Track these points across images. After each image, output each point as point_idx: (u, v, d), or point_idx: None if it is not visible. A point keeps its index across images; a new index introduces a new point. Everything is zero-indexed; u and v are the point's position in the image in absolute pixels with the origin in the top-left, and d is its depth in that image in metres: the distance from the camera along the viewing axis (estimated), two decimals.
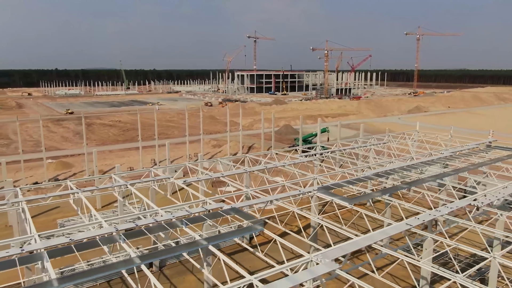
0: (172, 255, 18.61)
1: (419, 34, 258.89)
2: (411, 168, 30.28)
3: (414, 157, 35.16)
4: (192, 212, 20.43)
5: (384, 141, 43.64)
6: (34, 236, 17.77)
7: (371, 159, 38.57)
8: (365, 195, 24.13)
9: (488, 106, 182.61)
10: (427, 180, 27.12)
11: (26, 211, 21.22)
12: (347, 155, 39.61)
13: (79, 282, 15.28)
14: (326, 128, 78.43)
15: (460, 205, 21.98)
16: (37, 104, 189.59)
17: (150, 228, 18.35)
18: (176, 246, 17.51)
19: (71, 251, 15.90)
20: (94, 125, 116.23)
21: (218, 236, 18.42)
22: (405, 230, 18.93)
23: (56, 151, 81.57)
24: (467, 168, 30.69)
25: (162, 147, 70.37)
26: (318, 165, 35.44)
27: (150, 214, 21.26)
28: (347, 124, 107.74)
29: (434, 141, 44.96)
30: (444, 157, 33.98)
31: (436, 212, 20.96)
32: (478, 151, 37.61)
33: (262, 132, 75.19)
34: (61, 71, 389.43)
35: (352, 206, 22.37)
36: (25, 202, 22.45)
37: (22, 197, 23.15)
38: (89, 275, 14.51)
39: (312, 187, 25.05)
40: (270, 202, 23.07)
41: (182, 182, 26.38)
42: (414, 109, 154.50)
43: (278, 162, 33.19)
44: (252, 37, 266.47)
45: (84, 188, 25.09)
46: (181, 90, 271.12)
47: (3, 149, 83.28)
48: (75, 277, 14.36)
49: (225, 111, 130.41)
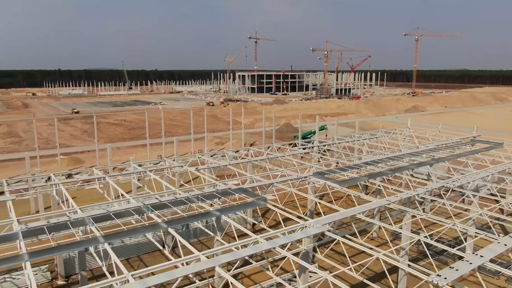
0: (192, 221, 22.04)
1: (417, 35, 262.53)
2: (397, 158, 33.87)
3: (402, 150, 38.75)
4: (205, 191, 24.07)
5: (377, 136, 47.21)
6: (76, 209, 21.40)
7: (364, 152, 42.13)
8: (353, 179, 27.64)
9: (485, 105, 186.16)
10: (410, 167, 30.72)
11: (64, 191, 24.84)
12: (342, 148, 43.16)
13: (121, 239, 18.89)
14: (324, 126, 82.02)
15: (434, 186, 25.57)
16: (42, 104, 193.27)
17: (171, 202, 21.97)
18: (195, 215, 21.18)
19: (110, 218, 19.53)
20: (100, 124, 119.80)
21: (228, 208, 22.02)
22: (385, 205, 22.53)
23: (66, 148, 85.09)
24: (448, 158, 34.29)
25: (167, 144, 74.03)
26: (315, 156, 39.04)
27: (168, 194, 24.88)
28: (346, 123, 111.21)
29: (423, 136, 48.54)
30: (429, 149, 37.57)
31: (413, 192, 24.53)
32: (461, 145, 41.19)
33: (264, 130, 78.90)
34: (64, 71, 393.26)
35: (342, 188, 25.97)
36: (62, 184, 26.10)
37: (58, 180, 26.81)
38: (128, 235, 18.09)
39: (309, 173, 28.68)
40: (271, 185, 26.68)
41: (195, 169, 29.99)
42: (411, 109, 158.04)
43: (278, 153, 36.87)
44: (253, 38, 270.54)
45: (109, 174, 28.71)
46: (183, 90, 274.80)
47: (16, 146, 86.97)
48: (117, 235, 17.95)
49: (226, 111, 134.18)
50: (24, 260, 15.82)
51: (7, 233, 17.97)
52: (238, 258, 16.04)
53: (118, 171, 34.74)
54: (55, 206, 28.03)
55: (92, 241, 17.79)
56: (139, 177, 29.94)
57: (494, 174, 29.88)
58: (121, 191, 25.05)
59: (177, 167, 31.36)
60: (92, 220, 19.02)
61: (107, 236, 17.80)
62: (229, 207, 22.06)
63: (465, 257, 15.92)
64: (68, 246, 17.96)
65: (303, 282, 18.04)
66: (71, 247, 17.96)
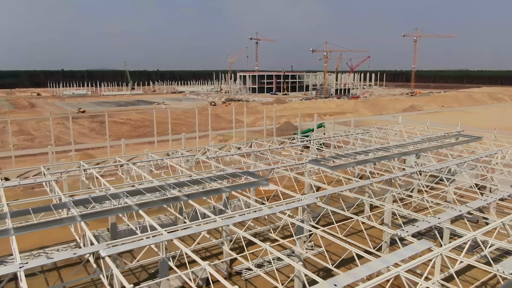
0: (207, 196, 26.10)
1: (416, 36, 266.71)
2: (385, 149, 38.06)
3: (390, 142, 42.95)
4: (216, 174, 28.28)
5: (369, 132, 51.42)
6: (110, 187, 25.67)
7: (356, 145, 46.34)
8: (343, 164, 31.85)
9: (481, 105, 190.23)
10: (395, 156, 34.94)
11: (95, 173, 29.11)
12: (337, 142, 47.39)
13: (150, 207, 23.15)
14: (322, 124, 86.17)
15: (412, 171, 29.79)
16: (47, 103, 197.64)
17: (188, 181, 26.18)
18: (209, 191, 25.41)
19: (141, 193, 23.78)
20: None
21: (236, 185, 26.22)
22: (368, 185, 26.76)
23: (77, 144, 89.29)
24: (430, 149, 38.50)
25: (173, 141, 78.36)
26: (312, 148, 43.36)
27: (184, 176, 29.09)
28: (344, 121, 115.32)
29: (412, 131, 52.74)
30: (414, 142, 41.79)
31: (393, 175, 28.73)
32: (445, 138, 45.38)
33: (265, 129, 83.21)
34: (67, 71, 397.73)
35: (333, 172, 30.18)
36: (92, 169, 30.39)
37: (89, 166, 31.10)
38: (156, 204, 22.30)
39: (305, 160, 32.91)
40: (272, 170, 30.92)
41: (206, 158, 34.22)
42: (408, 108, 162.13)
43: (279, 145, 41.12)
44: (254, 39, 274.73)
45: (132, 161, 32.96)
46: (184, 90, 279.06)
47: (29, 143, 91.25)
48: (147, 204, 22.26)
49: (228, 110, 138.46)
50: (78, 220, 20.05)
51: (60, 203, 22.20)
52: (246, 219, 20.24)
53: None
54: (85, 188, 32.24)
55: (127, 208, 22.04)
56: (156, 164, 34.12)
57: (468, 162, 34.08)
58: (144, 174, 29.29)
59: (190, 156, 35.57)
60: (127, 194, 23.24)
61: (139, 205, 22.03)
62: (237, 185, 26.28)
63: (426, 219, 20.13)
64: (114, 210, 22.15)
65: (300, 245, 22.22)
66: (117, 211, 22.18)
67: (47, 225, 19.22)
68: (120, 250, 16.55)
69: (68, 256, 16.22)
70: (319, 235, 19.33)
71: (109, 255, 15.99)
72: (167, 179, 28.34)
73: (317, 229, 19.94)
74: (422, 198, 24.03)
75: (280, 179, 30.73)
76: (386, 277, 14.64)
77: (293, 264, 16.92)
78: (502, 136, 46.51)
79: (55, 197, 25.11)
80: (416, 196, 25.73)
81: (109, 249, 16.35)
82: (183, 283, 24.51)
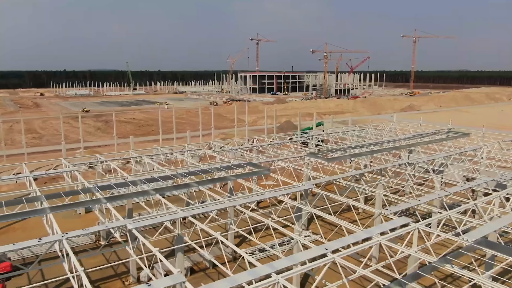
0: (215, 183, 29.00)
1: (415, 37, 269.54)
2: (378, 144, 40.92)
3: (384, 138, 45.80)
4: (222, 165, 31.16)
5: (364, 129, 54.28)
6: (127, 176, 28.54)
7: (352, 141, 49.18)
8: (338, 157, 34.71)
9: (478, 105, 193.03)
10: (386, 150, 37.80)
11: (112, 165, 32.00)
12: (334, 138, 50.23)
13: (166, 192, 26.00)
14: (321, 122, 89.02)
15: (400, 162, 32.65)
16: (51, 103, 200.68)
17: (198, 171, 29.04)
18: (216, 178, 28.30)
19: (156, 180, 26.64)
20: (111, 122, 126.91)
21: (240, 174, 29.07)
22: (359, 174, 29.61)
23: (84, 142, 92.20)
24: (420, 144, 41.38)
25: (178, 140, 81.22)
26: (311, 144, 46.25)
27: (193, 167, 31.96)
28: (343, 121, 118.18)
29: (406, 128, 55.58)
30: (406, 138, 44.66)
31: (382, 166, 31.58)
32: (435, 134, 48.22)
33: (266, 127, 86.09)
34: (69, 72, 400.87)
35: (328, 163, 33.04)
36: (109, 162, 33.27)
37: (106, 158, 34.03)
38: (170, 190, 25.16)
39: (304, 153, 35.79)
40: (273, 162, 33.81)
41: (212, 152, 37.16)
42: (406, 108, 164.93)
43: (280, 141, 44.03)
44: (254, 40, 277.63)
45: (144, 154, 35.89)
46: (186, 90, 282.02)
47: (37, 141, 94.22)
48: (164, 189, 25.13)
49: (229, 110, 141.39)
50: (103, 202, 22.92)
51: (87, 188, 25.11)
52: (250, 200, 23.11)
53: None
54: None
55: (145, 193, 24.90)
56: (166, 158, 37.01)
57: (454, 155, 36.91)
58: (157, 165, 32.18)
59: (197, 150, 38.45)
60: (144, 181, 26.12)
61: (155, 189, 24.91)
62: (241, 174, 29.15)
63: (408, 201, 22.99)
64: (134, 194, 25.03)
65: (299, 225, 25.08)
66: (136, 195, 25.08)
67: (78, 206, 22.11)
68: (143, 224, 19.42)
69: (101, 228, 19.10)
70: (317, 223, 22.20)
71: (136, 227, 18.87)
72: (178, 169, 31.22)
73: (314, 210, 22.76)
74: (408, 185, 26.89)
75: (281, 172, 33.58)
76: (369, 244, 17.49)
77: (294, 235, 19.78)
78: (490, 133, 49.38)
79: (78, 184, 27.99)
80: (404, 183, 28.65)
81: (134, 223, 19.22)
82: (192, 265, 27.42)
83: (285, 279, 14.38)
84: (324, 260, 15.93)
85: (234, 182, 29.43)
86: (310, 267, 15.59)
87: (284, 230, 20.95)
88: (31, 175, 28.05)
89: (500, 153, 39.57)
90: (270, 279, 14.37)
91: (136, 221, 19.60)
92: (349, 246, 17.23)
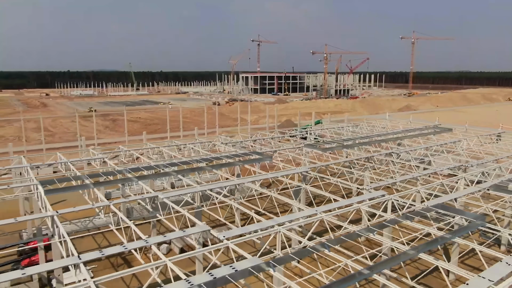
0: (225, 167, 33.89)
1: (413, 38, 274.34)
2: (368, 137, 45.75)
3: (374, 132, 50.64)
4: (230, 153, 36.02)
5: (357, 125, 59.13)
6: (150, 161, 33.36)
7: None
8: (331, 147, 39.55)
9: (474, 105, 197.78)
10: (374, 142, 42.63)
11: (134, 153, 36.85)
12: (330, 134, 55.04)
13: (184, 173, 30.87)
14: (320, 120, 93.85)
15: (386, 152, 37.49)
16: (57, 103, 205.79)
17: (210, 158, 33.90)
18: (225, 163, 33.14)
19: (176, 164, 31.53)
20: (118, 121, 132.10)
21: (246, 160, 33.87)
22: (349, 161, 34.43)
23: (97, 139, 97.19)
24: (406, 137, 46.22)
25: (184, 137, 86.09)
26: (309, 138, 51.20)
27: (205, 156, 36.81)
28: (341, 120, 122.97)
29: (396, 125, 60.40)
30: (393, 132, 49.50)
31: (370, 156, 36.41)
32: (421, 130, 53.06)
33: (267, 126, 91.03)
34: (73, 72, 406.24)
35: (323, 152, 37.88)
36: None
37: (125, 148, 38.91)
38: (190, 171, 30.15)
39: (302, 145, 40.65)
40: (275, 151, 38.67)
41: (221, 143, 42.04)
42: (404, 108, 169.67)
43: (281, 135, 48.93)
44: (256, 41, 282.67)
45: (162, 145, 40.77)
46: (188, 91, 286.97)
47: (51, 138, 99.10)
48: (185, 171, 30.03)
49: (231, 109, 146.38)
50: (134, 181, 27.76)
51: (120, 169, 30.01)
52: (256, 179, 27.97)
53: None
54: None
55: (168, 174, 29.77)
56: (182, 147, 41.89)
57: (434, 147, 41.74)
58: (173, 154, 37.04)
59: (206, 142, 43.33)
60: (166, 165, 30.95)
61: (178, 171, 29.76)
62: (247, 160, 33.96)
63: (386, 180, 27.77)
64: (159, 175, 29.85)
65: (298, 201, 29.88)
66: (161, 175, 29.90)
67: (115, 182, 26.97)
68: (171, 194, 24.28)
69: (139, 198, 23.97)
70: (312, 199, 26.92)
71: (166, 197, 23.71)
72: (193, 157, 36.10)
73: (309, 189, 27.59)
74: (388, 169, 31.73)
75: (281, 161, 38.42)
76: (351, 208, 22.29)
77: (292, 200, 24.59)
78: (472, 129, 54.19)
79: (108, 168, 32.83)
80: (387, 168, 33.52)
81: (164, 194, 24.08)
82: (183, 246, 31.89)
83: (286, 230, 19.19)
84: (314, 218, 20.74)
85: (241, 169, 34.28)
86: (304, 222, 20.41)
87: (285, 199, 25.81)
88: (68, 161, 32.92)
89: (478, 146, 44.43)
90: (273, 229, 19.19)
91: (165, 193, 24.46)
92: (335, 209, 22.05)
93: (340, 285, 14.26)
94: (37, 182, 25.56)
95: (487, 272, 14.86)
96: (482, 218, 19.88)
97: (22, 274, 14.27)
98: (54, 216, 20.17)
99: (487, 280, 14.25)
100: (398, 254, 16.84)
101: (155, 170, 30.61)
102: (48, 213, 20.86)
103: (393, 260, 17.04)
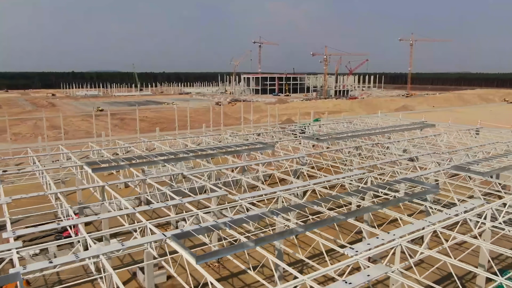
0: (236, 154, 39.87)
1: (412, 40, 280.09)
2: (359, 131, 51.59)
3: (365, 128, 56.48)
4: (238, 143, 41.92)
5: (351, 122, 64.99)
6: (170, 150, 39.23)
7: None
8: (326, 139, 45.37)
9: (470, 105, 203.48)
10: (364, 135, 48.48)
11: (156, 143, 42.69)
12: (326, 129, 60.78)
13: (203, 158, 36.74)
14: (318, 119, 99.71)
15: (371, 142, 43.30)
16: (64, 103, 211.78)
17: (222, 146, 39.72)
18: (234, 151, 38.96)
19: (193, 151, 37.35)
20: (126, 120, 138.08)
21: (251, 149, 39.64)
22: (340, 149, 40.20)
23: (107, 137, 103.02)
24: (392, 131, 52.03)
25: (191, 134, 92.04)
26: (308, 132, 57.18)
27: (215, 145, 42.63)
28: (339, 119, 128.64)
29: (387, 122, 66.20)
30: (382, 127, 55.33)
31: (358, 145, 42.17)
32: (407, 125, 58.85)
33: (269, 124, 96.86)
34: (77, 73, 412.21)
35: (318, 143, 43.75)
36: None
37: (145, 139, 44.80)
38: (206, 157, 36.00)
39: (300, 138, 46.57)
40: (277, 142, 44.58)
41: (229, 135, 47.91)
42: (401, 108, 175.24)
43: (281, 129, 54.90)
44: (257, 42, 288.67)
45: (179, 137, 46.60)
46: (191, 91, 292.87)
47: (65, 136, 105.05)
48: (202, 156, 35.92)
49: (233, 109, 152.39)
50: (160, 163, 33.57)
51: (145, 155, 35.79)
52: (261, 161, 33.78)
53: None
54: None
55: (187, 158, 35.57)
56: (192, 140, 47.72)
57: (416, 139, 47.55)
58: (190, 144, 42.92)
59: (216, 135, 49.20)
60: (184, 151, 36.81)
61: (195, 156, 35.62)
62: (252, 148, 39.78)
63: (372, 161, 33.55)
64: (179, 159, 35.64)
65: (295, 181, 35.67)
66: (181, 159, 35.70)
67: (147, 163, 32.88)
68: (195, 171, 30.10)
69: (169, 174, 29.80)
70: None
71: (191, 174, 29.48)
72: (206, 146, 41.97)
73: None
74: (372, 155, 37.53)
75: (282, 150, 44.19)
76: (335, 182, 28.08)
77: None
78: (455, 125, 59.95)
79: (135, 154, 38.66)
80: (371, 155, 39.44)
81: (189, 171, 29.88)
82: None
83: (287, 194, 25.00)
84: (307, 188, 26.54)
85: (247, 157, 40.13)
86: (299, 191, 26.22)
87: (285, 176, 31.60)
88: (102, 149, 38.78)
89: (457, 140, 50.21)
90: (275, 194, 25.00)
91: (190, 170, 30.28)
92: (324, 183, 27.86)
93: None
94: (82, 163, 31.38)
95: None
96: (436, 186, 25.69)
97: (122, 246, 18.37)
98: (105, 186, 25.98)
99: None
100: (366, 206, 22.69)
101: (175, 156, 36.45)
102: (100, 183, 26.69)
103: (362, 211, 22.92)
